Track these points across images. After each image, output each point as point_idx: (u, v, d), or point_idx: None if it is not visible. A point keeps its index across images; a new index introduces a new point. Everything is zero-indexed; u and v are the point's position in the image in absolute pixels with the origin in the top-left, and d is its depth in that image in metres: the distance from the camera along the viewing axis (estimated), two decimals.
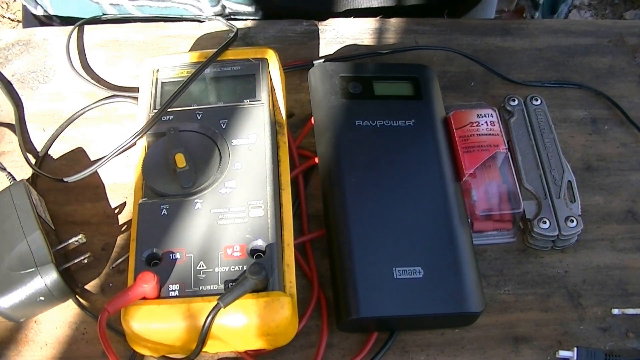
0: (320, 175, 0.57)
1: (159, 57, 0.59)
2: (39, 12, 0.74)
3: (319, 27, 0.69)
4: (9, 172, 0.58)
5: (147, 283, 0.46)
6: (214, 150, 0.53)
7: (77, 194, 0.59)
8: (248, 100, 0.56)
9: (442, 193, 0.54)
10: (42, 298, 0.49)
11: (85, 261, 0.53)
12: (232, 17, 0.71)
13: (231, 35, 0.62)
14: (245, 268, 0.48)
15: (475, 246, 0.54)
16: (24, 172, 0.60)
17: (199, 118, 0.55)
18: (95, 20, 0.70)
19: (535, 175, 0.58)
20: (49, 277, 0.49)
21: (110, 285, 0.55)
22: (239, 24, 0.69)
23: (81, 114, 0.63)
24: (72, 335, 0.52)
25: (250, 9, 0.70)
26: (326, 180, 0.56)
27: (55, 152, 0.61)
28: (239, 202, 0.51)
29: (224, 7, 0.69)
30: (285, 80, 0.61)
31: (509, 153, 0.58)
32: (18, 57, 0.67)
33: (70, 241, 0.53)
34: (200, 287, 0.47)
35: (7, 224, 0.51)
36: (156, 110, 0.55)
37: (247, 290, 0.46)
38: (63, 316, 0.53)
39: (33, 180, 0.59)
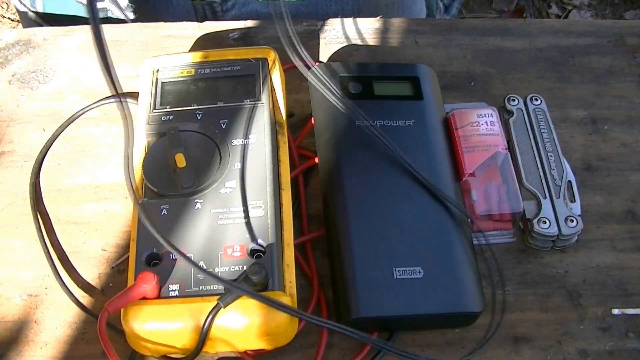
0: (320, 175, 0.57)
1: (159, 57, 0.59)
2: (25, 8, 0.75)
3: (319, 27, 0.69)
4: None
5: (147, 283, 0.46)
6: (214, 150, 0.53)
7: (77, 194, 0.59)
8: (248, 100, 0.56)
9: (442, 193, 0.54)
10: None
11: None
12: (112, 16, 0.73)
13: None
14: (245, 268, 0.48)
15: (475, 246, 0.54)
16: (24, 172, 0.60)
17: (199, 118, 0.55)
18: (68, 18, 0.70)
19: (535, 175, 0.58)
20: None
21: (110, 285, 0.55)
22: (239, 24, 0.69)
23: (81, 114, 0.63)
24: (72, 335, 0.52)
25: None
26: (326, 180, 0.56)
27: (55, 152, 0.61)
28: (239, 202, 0.51)
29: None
30: (285, 80, 0.61)
31: (509, 153, 0.58)
32: (18, 57, 0.67)
33: None
34: (200, 287, 0.47)
35: None
36: (157, 110, 0.55)
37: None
38: (63, 316, 0.53)
39: (35, 179, 0.59)
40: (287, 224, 0.51)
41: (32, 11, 0.76)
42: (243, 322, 0.46)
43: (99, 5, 0.72)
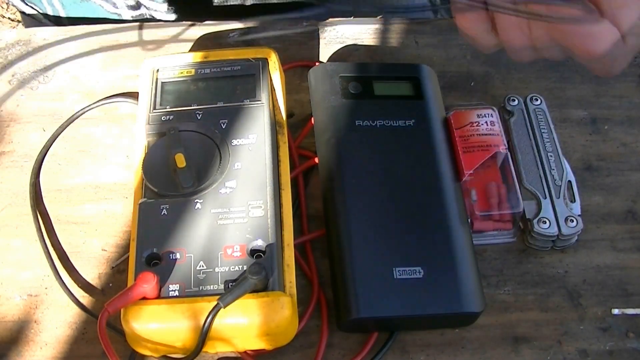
0: (320, 175, 0.57)
1: (159, 57, 0.59)
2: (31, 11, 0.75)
3: (319, 27, 0.69)
4: None
5: (147, 283, 0.46)
6: (214, 150, 0.53)
7: (77, 194, 0.59)
8: (248, 100, 0.56)
9: (442, 193, 0.54)
10: None
11: None
12: (151, 17, 0.72)
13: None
14: (245, 268, 0.48)
15: (475, 246, 0.54)
16: (24, 172, 0.60)
17: (199, 118, 0.55)
18: (96, 20, 0.70)
19: (535, 175, 0.58)
20: None
21: (110, 285, 0.55)
22: (239, 24, 0.69)
23: (81, 114, 0.63)
24: (72, 335, 0.52)
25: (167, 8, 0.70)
26: (326, 180, 0.56)
27: (56, 152, 0.61)
28: (239, 202, 0.51)
29: (139, 3, 0.70)
30: (285, 80, 0.61)
31: (509, 153, 0.58)
32: (18, 57, 0.67)
33: None
34: (200, 287, 0.47)
35: None
36: (156, 110, 0.55)
37: (247, 290, 0.46)
38: (63, 316, 0.53)
39: (35, 179, 0.59)
40: (287, 224, 0.52)
41: (42, 13, 0.75)
42: (243, 322, 0.46)
43: (135, 13, 0.72)
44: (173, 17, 0.72)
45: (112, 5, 0.71)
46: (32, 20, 0.77)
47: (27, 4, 0.74)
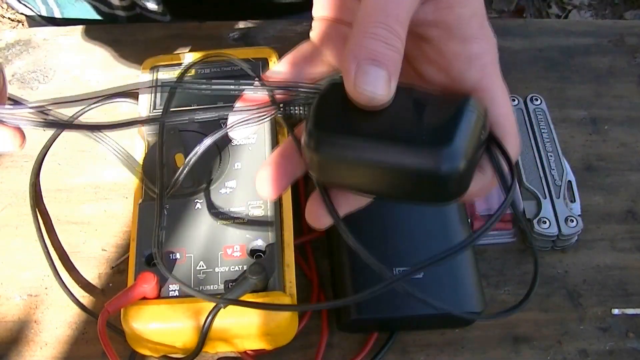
0: None
1: (159, 57, 0.59)
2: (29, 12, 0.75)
3: None
4: None
5: (147, 283, 0.46)
6: (214, 150, 0.53)
7: (77, 194, 0.59)
8: None
9: None
10: None
11: None
12: (143, 15, 0.72)
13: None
14: (245, 268, 0.48)
15: (475, 246, 0.54)
16: (24, 172, 0.60)
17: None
18: (95, 21, 0.70)
19: (535, 175, 0.58)
20: None
21: (110, 285, 0.55)
22: (239, 24, 0.69)
23: (81, 114, 0.63)
24: (72, 335, 0.52)
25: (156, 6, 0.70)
26: None
27: (56, 152, 0.61)
28: (239, 202, 0.51)
29: (134, 4, 0.70)
30: None
31: None
32: (18, 57, 0.67)
33: None
34: (200, 287, 0.47)
35: None
36: (157, 110, 0.55)
37: (247, 290, 0.46)
38: (63, 316, 0.53)
39: (35, 179, 0.59)
40: (287, 224, 0.51)
41: (40, 16, 0.75)
42: (243, 322, 0.46)
43: (130, 13, 0.72)
44: (167, 18, 0.72)
45: (107, 7, 0.71)
46: (33, 20, 0.77)
47: (21, 3, 0.74)
